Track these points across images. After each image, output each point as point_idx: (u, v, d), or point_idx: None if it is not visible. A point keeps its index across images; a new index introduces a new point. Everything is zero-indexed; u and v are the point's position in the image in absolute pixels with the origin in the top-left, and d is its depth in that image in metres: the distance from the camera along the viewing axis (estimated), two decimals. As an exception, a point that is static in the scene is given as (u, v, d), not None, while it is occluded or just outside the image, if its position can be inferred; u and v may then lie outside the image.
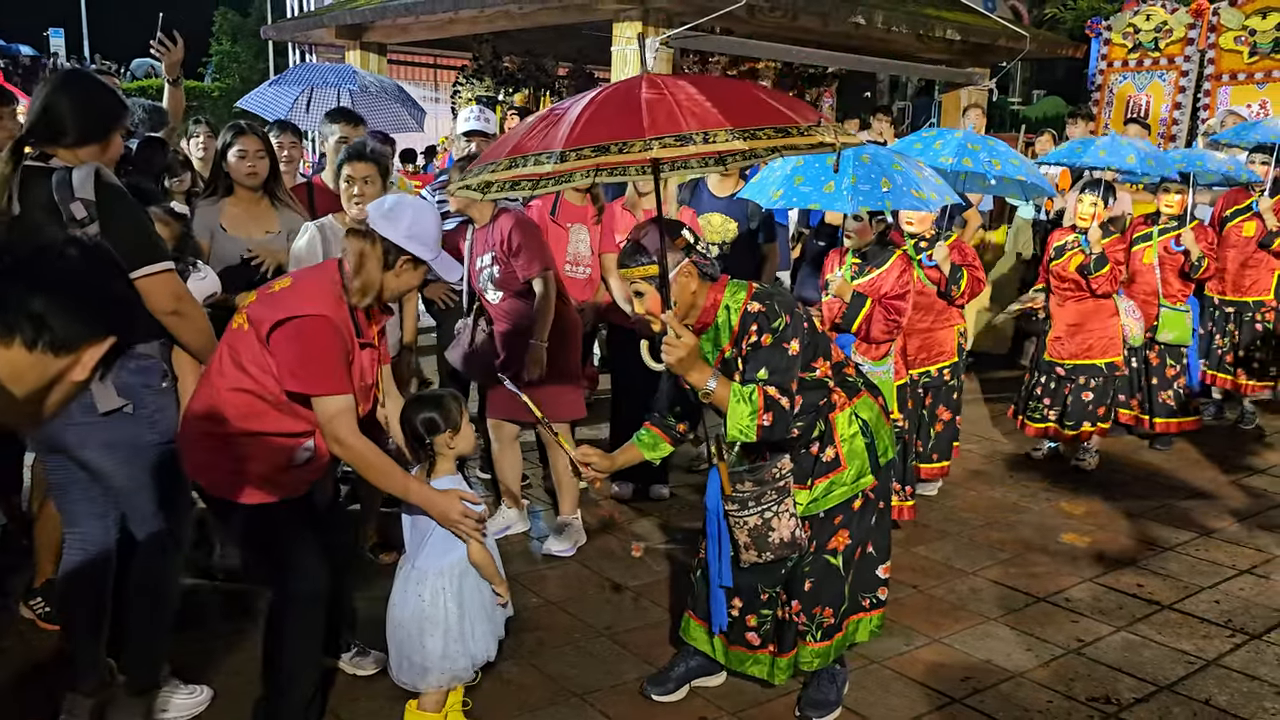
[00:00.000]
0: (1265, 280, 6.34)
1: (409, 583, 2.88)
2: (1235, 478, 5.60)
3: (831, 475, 3.06)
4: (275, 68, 13.98)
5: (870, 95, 20.61)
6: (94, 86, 2.95)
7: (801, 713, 3.20)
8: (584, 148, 2.34)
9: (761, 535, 2.96)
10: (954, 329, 4.95)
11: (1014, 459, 5.89)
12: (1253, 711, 3.28)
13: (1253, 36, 10.03)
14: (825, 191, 3.97)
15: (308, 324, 2.69)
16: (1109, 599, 4.09)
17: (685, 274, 2.87)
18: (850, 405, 3.09)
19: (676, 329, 2.78)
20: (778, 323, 2.86)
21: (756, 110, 2.44)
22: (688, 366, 2.80)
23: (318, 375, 2.70)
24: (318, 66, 7.52)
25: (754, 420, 2.80)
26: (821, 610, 3.11)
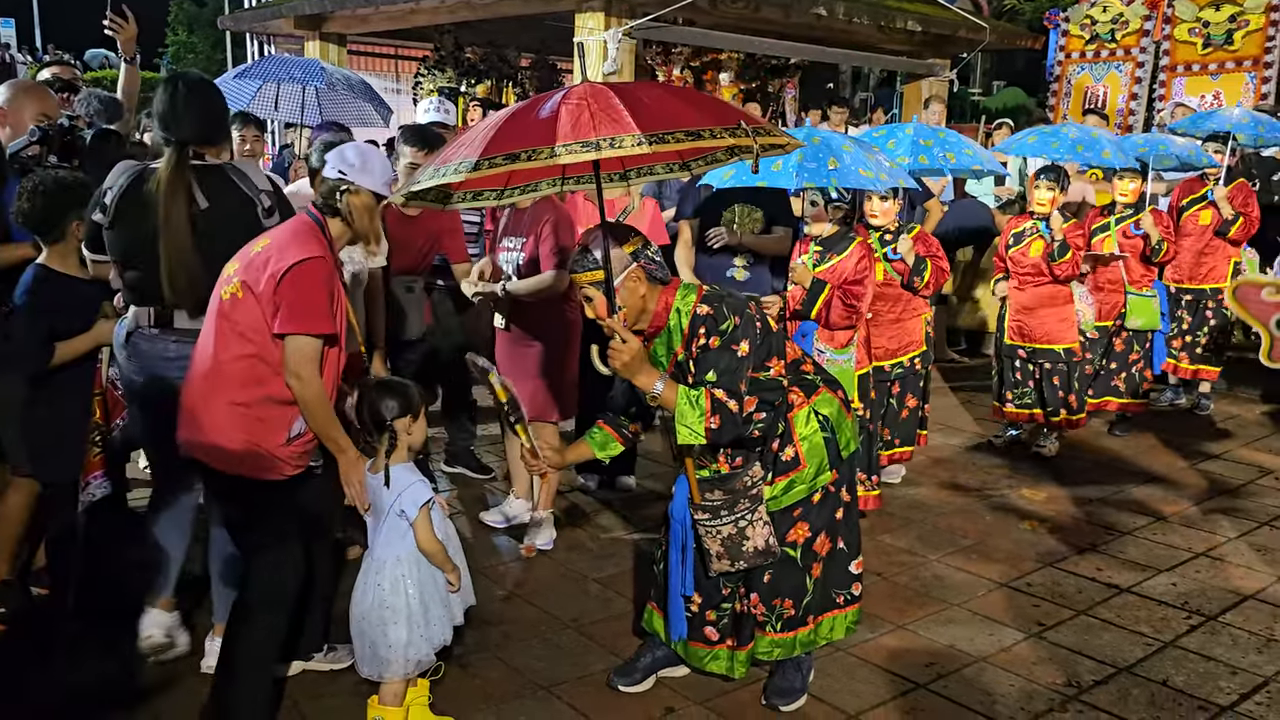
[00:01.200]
0: (1221, 268, 6.45)
1: (369, 573, 2.88)
2: (1191, 463, 5.70)
3: (791, 474, 3.07)
4: (233, 59, 13.77)
5: (833, 86, 20.71)
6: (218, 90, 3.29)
7: (768, 701, 3.21)
8: (496, 156, 2.37)
9: (736, 544, 2.98)
10: (921, 318, 5.00)
11: (976, 446, 5.95)
12: (1209, 691, 3.34)
13: (1206, 28, 10.19)
14: (772, 170, 4.02)
15: (309, 266, 2.74)
16: (1069, 583, 4.14)
17: (634, 278, 2.87)
18: (809, 403, 3.10)
19: (621, 334, 2.80)
20: (726, 325, 2.87)
21: (670, 116, 2.45)
22: (634, 370, 2.83)
23: (308, 314, 2.74)
24: (284, 60, 7.41)
25: (701, 423, 2.82)
26: (781, 602, 3.12)
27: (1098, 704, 3.25)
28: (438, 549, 2.87)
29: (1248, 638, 3.70)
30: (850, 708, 3.21)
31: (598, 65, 7.55)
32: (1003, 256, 5.70)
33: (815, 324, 4.32)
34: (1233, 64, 10.05)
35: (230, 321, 2.78)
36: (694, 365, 2.91)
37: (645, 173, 3.19)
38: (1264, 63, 9.83)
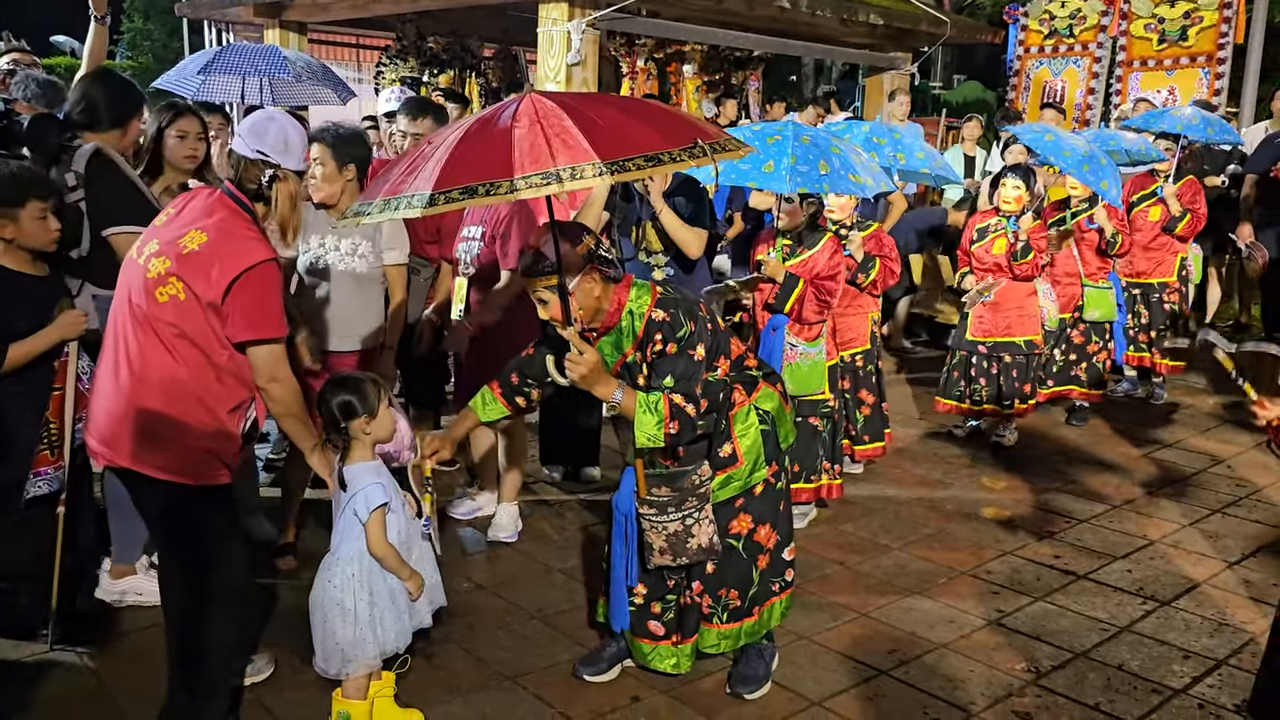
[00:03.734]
0: (1168, 262, 6.57)
1: (325, 569, 2.85)
2: (1146, 452, 5.80)
3: (729, 470, 3.10)
4: (190, 46, 13.53)
5: (795, 79, 20.79)
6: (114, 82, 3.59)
7: (732, 689, 3.23)
8: (452, 189, 2.29)
9: (680, 541, 3.00)
10: (866, 316, 5.02)
11: (937, 436, 6.02)
12: (1163, 675, 3.41)
13: (1162, 24, 10.35)
14: (764, 171, 4.00)
15: (263, 270, 2.66)
16: (1027, 570, 4.21)
17: (589, 280, 2.87)
18: (750, 400, 3.12)
19: (578, 345, 2.79)
20: (682, 332, 2.88)
21: (627, 139, 2.39)
22: (592, 382, 2.84)
23: (273, 320, 2.70)
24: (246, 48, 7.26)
25: (661, 429, 2.84)
26: (727, 593, 3.14)
27: (1055, 688, 3.31)
28: (388, 554, 2.81)
29: (1200, 622, 3.79)
30: (813, 695, 3.24)
31: (561, 55, 7.52)
32: (966, 251, 5.76)
33: (786, 318, 4.34)
34: (1187, 60, 10.21)
35: (171, 325, 2.65)
36: (649, 369, 2.92)
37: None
38: (1217, 59, 10.01)
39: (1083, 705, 3.22)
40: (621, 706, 3.16)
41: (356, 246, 3.90)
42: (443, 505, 4.63)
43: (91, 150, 3.50)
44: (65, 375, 3.26)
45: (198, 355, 2.68)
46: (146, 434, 2.69)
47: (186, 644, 2.84)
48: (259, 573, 3.97)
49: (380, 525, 2.80)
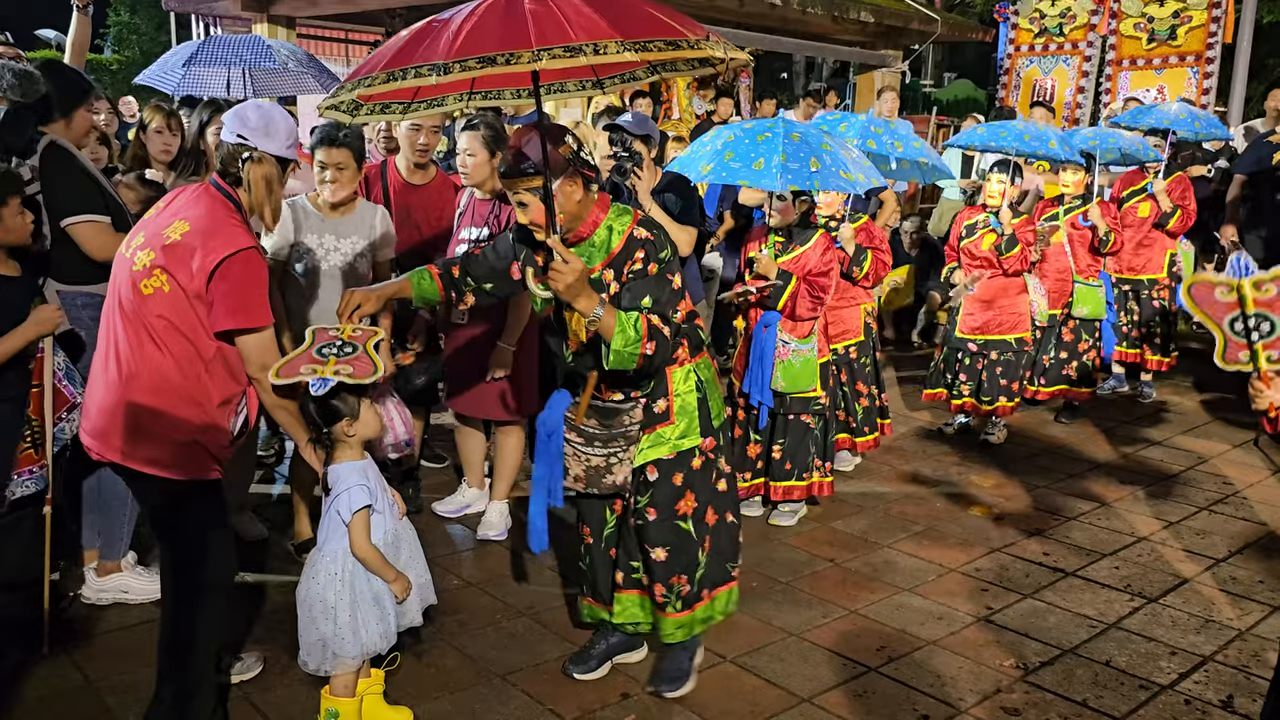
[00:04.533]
0: (1158, 259, 6.60)
1: (310, 566, 2.84)
2: (1134, 450, 5.83)
3: (658, 427, 3.04)
4: (178, 40, 13.45)
5: (786, 76, 20.80)
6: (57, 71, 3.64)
7: (654, 687, 3.19)
8: (469, 59, 2.21)
9: (598, 475, 2.98)
10: (860, 308, 5.04)
11: (926, 434, 6.03)
12: (1150, 671, 3.43)
13: (1151, 24, 10.40)
14: (754, 168, 3.98)
15: (245, 257, 2.64)
16: (1016, 568, 4.23)
17: (571, 184, 2.78)
18: (692, 362, 3.08)
19: (562, 253, 2.65)
20: (665, 254, 2.85)
21: (645, 22, 2.36)
22: (576, 293, 2.68)
23: (257, 308, 2.67)
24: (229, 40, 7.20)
25: (638, 348, 2.75)
26: (678, 579, 3.11)
27: (1043, 684, 3.33)
28: (371, 556, 2.78)
29: (1187, 619, 3.81)
30: (803, 691, 3.25)
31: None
32: (954, 247, 5.78)
33: (779, 315, 4.34)
34: (1176, 59, 10.26)
35: (159, 318, 2.64)
36: (624, 289, 2.83)
37: (556, 89, 2.98)
38: (1205, 58, 10.06)
39: (1070, 701, 3.23)
40: (611, 703, 3.16)
41: (355, 245, 3.92)
42: (431, 503, 4.63)
43: (46, 142, 3.49)
44: (42, 372, 3.24)
45: (186, 348, 2.65)
46: (136, 428, 2.67)
47: (175, 637, 2.83)
48: (258, 570, 3.98)
49: (363, 527, 2.77)
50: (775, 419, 4.50)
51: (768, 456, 4.56)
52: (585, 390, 2.97)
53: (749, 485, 4.61)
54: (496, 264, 3.08)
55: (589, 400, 2.97)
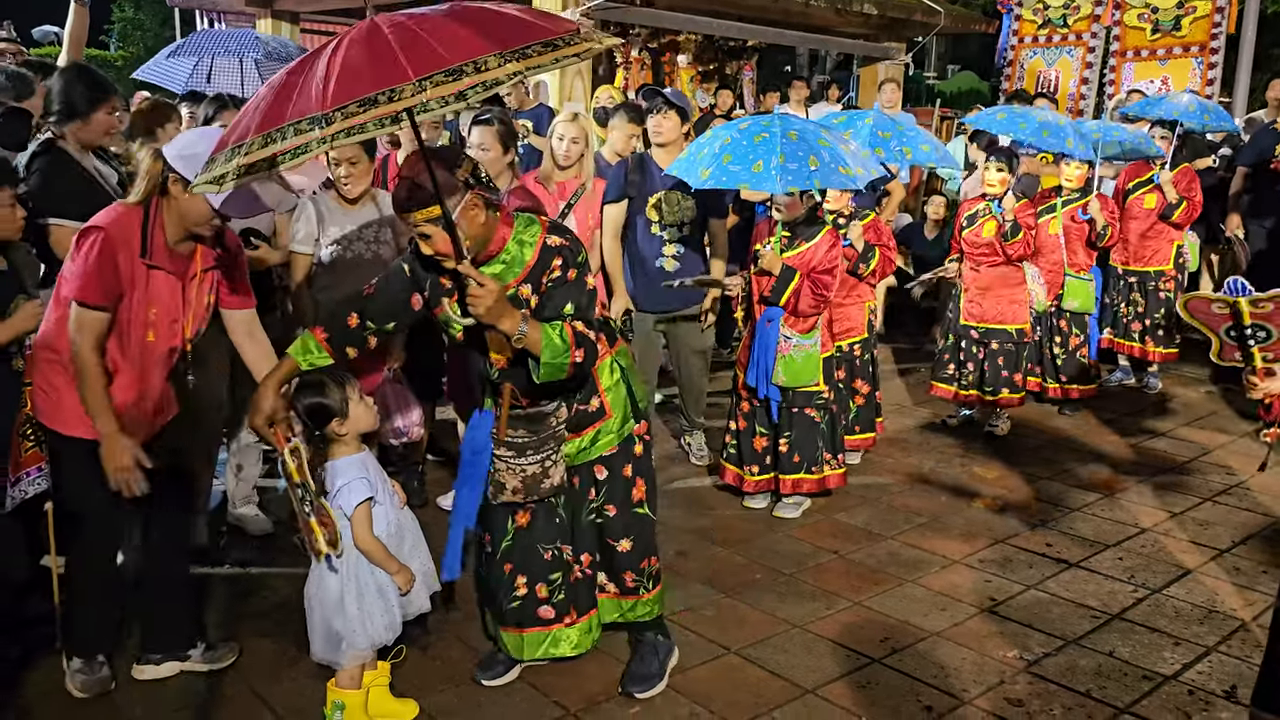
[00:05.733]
0: (1165, 251, 6.59)
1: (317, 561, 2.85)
2: (1138, 441, 5.83)
3: (598, 424, 3.06)
4: (182, 35, 13.48)
5: (790, 69, 20.75)
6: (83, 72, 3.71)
7: (624, 689, 3.17)
8: (348, 104, 2.07)
9: (536, 482, 2.95)
10: (864, 305, 5.04)
11: (929, 426, 6.03)
12: (1153, 661, 3.44)
13: (1155, 14, 10.36)
14: (754, 171, 3.95)
15: (86, 233, 2.85)
16: (1019, 559, 4.23)
17: (472, 206, 2.70)
18: (611, 353, 3.08)
19: (476, 277, 2.60)
20: (581, 257, 2.85)
21: (516, 29, 2.28)
22: (498, 315, 2.64)
23: (76, 280, 2.82)
24: (217, 33, 7.23)
25: (567, 358, 2.74)
26: (647, 561, 3.16)
27: (1047, 675, 3.34)
28: (374, 548, 2.80)
29: (1190, 609, 3.81)
30: (806, 683, 3.26)
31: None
32: (957, 238, 5.78)
33: (781, 310, 4.35)
34: (1180, 50, 10.23)
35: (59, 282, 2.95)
36: (544, 300, 2.81)
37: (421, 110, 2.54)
38: (1210, 49, 10.03)
39: (1074, 692, 3.24)
40: (615, 695, 3.17)
41: (378, 233, 3.98)
42: (436, 496, 4.65)
43: (43, 141, 3.58)
44: (34, 369, 3.23)
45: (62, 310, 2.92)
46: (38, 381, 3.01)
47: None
48: (266, 564, 4.00)
49: (366, 520, 2.79)
50: (782, 412, 4.51)
51: (775, 450, 4.57)
52: (502, 403, 2.92)
53: (758, 480, 4.62)
54: (395, 299, 2.92)
55: (508, 412, 2.93)
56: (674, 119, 4.69)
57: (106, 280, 2.83)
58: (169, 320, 2.98)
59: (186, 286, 3.02)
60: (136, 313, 2.91)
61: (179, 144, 2.89)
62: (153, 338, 2.96)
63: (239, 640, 3.39)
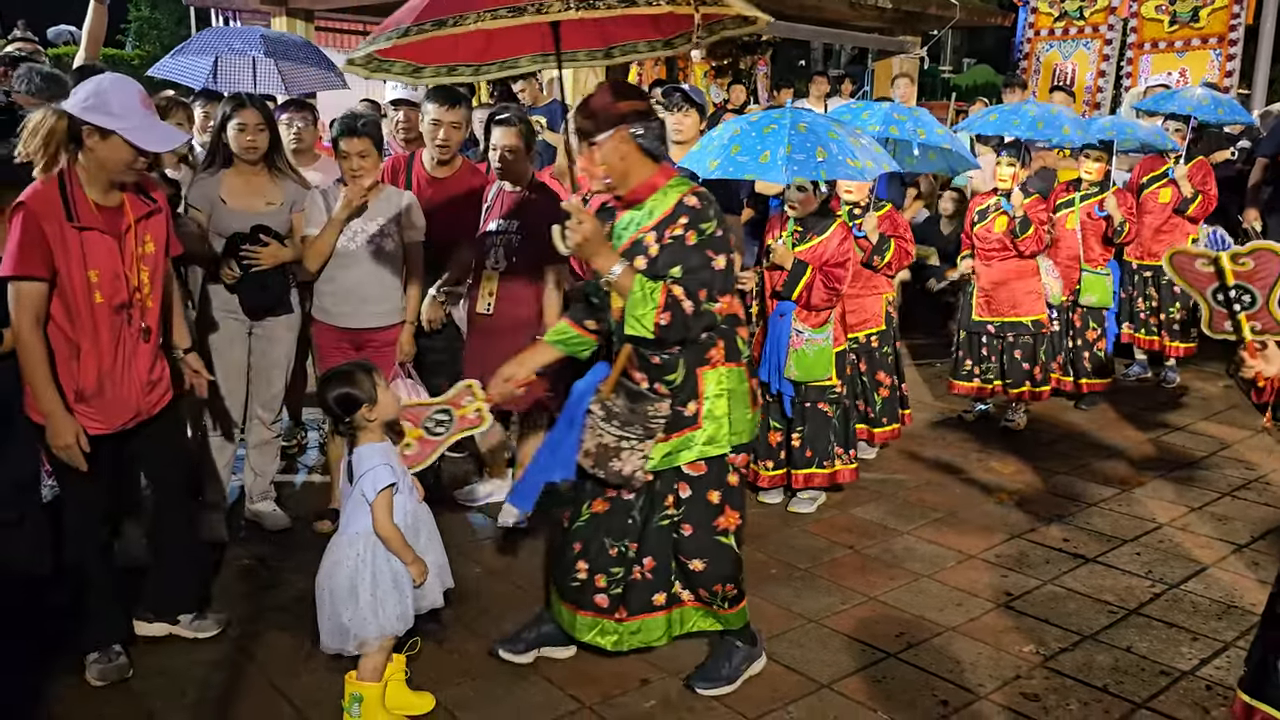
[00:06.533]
0: (1179, 244, 6.53)
1: (332, 549, 2.89)
2: (1156, 436, 5.80)
3: (687, 431, 3.00)
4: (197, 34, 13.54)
5: (805, 64, 20.71)
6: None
7: (688, 682, 3.19)
8: (499, 9, 2.28)
9: (605, 456, 2.94)
10: (881, 297, 5.03)
11: (946, 421, 6.02)
12: (1171, 657, 3.42)
13: (1173, 6, 10.28)
14: (761, 162, 3.94)
15: (10, 214, 2.84)
16: (1036, 554, 4.22)
17: (620, 140, 2.81)
18: (725, 367, 3.02)
19: (578, 213, 2.73)
20: (707, 225, 2.81)
21: None
22: (590, 251, 2.75)
23: (7, 258, 2.81)
24: (224, 31, 7.23)
25: (652, 317, 2.75)
26: (724, 587, 3.12)
27: (1063, 670, 3.33)
28: (393, 535, 2.84)
29: (1209, 605, 3.79)
30: (822, 677, 3.26)
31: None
32: (969, 233, 5.76)
33: (793, 304, 4.34)
34: (1198, 41, 10.15)
35: None
36: (659, 254, 2.83)
37: (569, 58, 3.01)
38: (1229, 40, 9.94)
39: (1091, 687, 3.23)
40: (631, 689, 3.18)
41: (384, 227, 4.02)
42: (453, 491, 4.67)
43: None
44: None
45: None
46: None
47: None
48: (280, 560, 4.03)
49: (386, 506, 2.82)
50: (795, 407, 4.51)
51: (788, 445, 4.57)
52: (616, 363, 2.95)
53: (772, 475, 4.62)
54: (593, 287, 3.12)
55: (619, 375, 2.96)
56: (694, 117, 4.69)
57: (36, 251, 2.81)
58: (111, 277, 2.96)
59: (123, 241, 3.00)
60: (77, 279, 2.89)
61: (79, 96, 2.85)
62: (100, 299, 2.93)
63: (258, 633, 3.43)
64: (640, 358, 2.96)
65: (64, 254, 2.86)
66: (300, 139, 4.86)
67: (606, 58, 3.16)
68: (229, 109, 4.02)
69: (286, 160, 4.26)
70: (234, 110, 4.00)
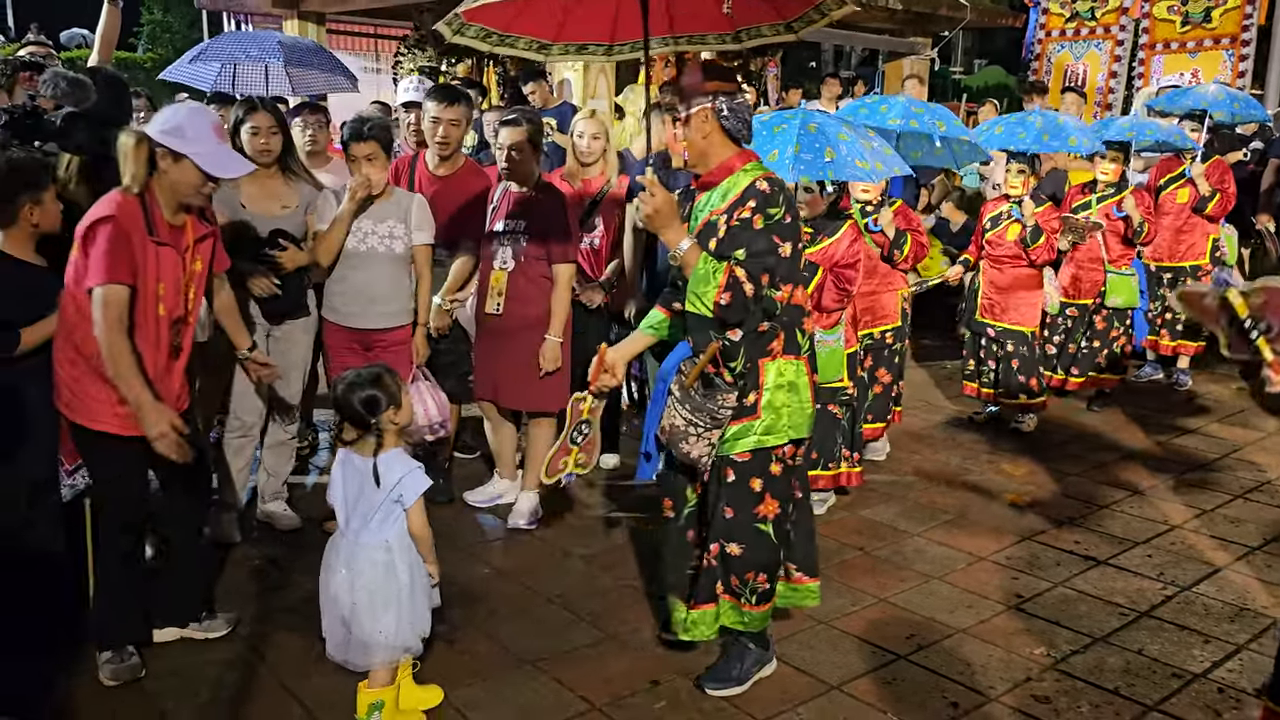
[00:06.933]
0: (1200, 245, 6.52)
1: (353, 559, 2.82)
2: (1167, 438, 5.77)
3: (746, 420, 3.03)
4: (209, 37, 13.61)
5: (815, 65, 20.69)
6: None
7: (699, 682, 3.19)
8: None
9: (677, 436, 2.99)
10: (896, 293, 5.03)
11: (955, 422, 6.01)
12: (1183, 659, 3.41)
13: (1185, 6, 10.24)
14: (769, 160, 3.94)
15: (94, 227, 2.94)
16: (1047, 556, 4.21)
17: (701, 118, 2.90)
18: (785, 359, 3.04)
19: (651, 186, 2.83)
20: (775, 210, 2.85)
21: None
22: (660, 224, 2.85)
23: (96, 268, 2.92)
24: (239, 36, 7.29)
25: (713, 296, 2.81)
26: (755, 576, 3.11)
27: (1074, 672, 3.32)
28: (427, 536, 2.87)
29: (1221, 607, 3.78)
30: (832, 679, 3.26)
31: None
32: (978, 239, 5.76)
33: None
34: (1211, 42, 10.11)
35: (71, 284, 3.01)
36: (726, 235, 2.88)
37: (697, 41, 3.17)
38: (1241, 40, 9.90)
39: (1101, 689, 3.22)
40: (641, 690, 3.18)
41: (392, 229, 4.04)
42: (463, 492, 4.68)
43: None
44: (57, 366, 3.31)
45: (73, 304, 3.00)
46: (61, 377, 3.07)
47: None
48: (290, 562, 4.04)
49: (423, 509, 2.86)
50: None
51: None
52: (704, 355, 2.98)
53: None
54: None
55: (706, 365, 2.99)
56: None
57: (124, 260, 2.94)
58: (174, 292, 3.13)
59: (184, 258, 3.16)
60: (149, 291, 3.04)
61: (158, 121, 3.02)
62: (163, 311, 3.10)
63: (269, 634, 3.44)
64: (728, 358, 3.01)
65: (142, 265, 3.00)
66: (314, 141, 4.89)
67: (735, 40, 3.28)
68: (241, 113, 4.05)
69: (300, 163, 4.28)
70: (246, 114, 4.03)
